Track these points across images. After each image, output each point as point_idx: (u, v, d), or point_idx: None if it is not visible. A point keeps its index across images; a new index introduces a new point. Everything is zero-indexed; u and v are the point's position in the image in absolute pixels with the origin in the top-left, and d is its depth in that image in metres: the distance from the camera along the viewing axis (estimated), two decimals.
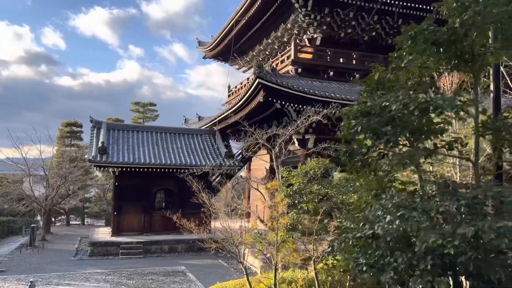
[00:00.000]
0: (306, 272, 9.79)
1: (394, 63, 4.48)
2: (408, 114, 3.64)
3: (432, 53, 3.95)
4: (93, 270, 18.95)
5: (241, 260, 9.72)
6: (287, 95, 19.93)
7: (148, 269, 19.35)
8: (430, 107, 3.56)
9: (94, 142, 24.97)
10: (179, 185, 25.62)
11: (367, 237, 3.93)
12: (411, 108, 3.60)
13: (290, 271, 10.68)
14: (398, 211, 3.51)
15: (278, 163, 14.15)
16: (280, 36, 27.44)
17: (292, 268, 10.15)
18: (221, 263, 21.39)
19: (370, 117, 3.86)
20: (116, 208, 24.84)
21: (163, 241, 23.79)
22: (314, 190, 10.06)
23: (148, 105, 47.72)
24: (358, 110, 4.09)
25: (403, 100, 3.67)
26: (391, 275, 3.68)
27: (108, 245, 22.87)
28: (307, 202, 9.98)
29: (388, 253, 3.74)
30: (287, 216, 8.65)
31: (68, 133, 40.13)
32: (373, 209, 4.07)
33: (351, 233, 4.19)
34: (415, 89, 3.97)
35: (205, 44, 35.99)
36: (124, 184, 24.75)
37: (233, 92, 33.45)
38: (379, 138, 3.77)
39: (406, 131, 3.80)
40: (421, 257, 3.40)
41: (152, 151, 25.70)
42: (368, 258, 3.86)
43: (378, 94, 4.18)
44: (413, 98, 3.69)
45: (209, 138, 28.41)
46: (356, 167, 4.34)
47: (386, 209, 3.70)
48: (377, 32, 26.47)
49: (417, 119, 3.73)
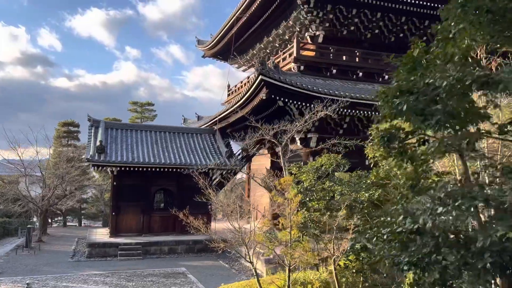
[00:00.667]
0: (318, 273, 9.29)
1: (440, 35, 4.02)
2: (461, 89, 3.18)
3: (484, 23, 3.50)
4: (91, 272, 18.45)
5: (251, 260, 9.19)
6: (290, 92, 19.48)
7: (147, 271, 18.86)
8: (489, 82, 3.11)
9: (92, 141, 24.44)
10: (179, 185, 25.19)
11: (411, 231, 3.48)
12: (468, 82, 3.15)
13: (301, 272, 10.19)
14: (455, 201, 3.06)
15: (285, 160, 13.72)
16: (281, 33, 27.01)
17: (302, 269, 9.64)
18: (222, 265, 20.93)
19: (416, 95, 3.41)
20: (115, 209, 24.31)
21: (163, 242, 23.29)
22: (326, 187, 9.59)
23: (146, 105, 47.24)
24: (398, 88, 3.63)
25: (456, 74, 3.22)
26: (437, 275, 3.24)
27: (106, 246, 22.35)
28: (318, 200, 9.51)
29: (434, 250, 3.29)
30: (300, 213, 8.15)
31: (65, 133, 39.58)
32: (412, 201, 3.62)
33: (387, 228, 3.74)
34: (462, 64, 3.52)
35: (204, 42, 35.53)
36: (123, 184, 24.24)
37: (232, 91, 32.97)
38: (427, 120, 3.32)
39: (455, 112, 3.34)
40: (477, 254, 2.95)
41: (151, 150, 25.19)
42: (411, 256, 3.41)
43: (416, 73, 3.73)
44: (469, 72, 3.24)
45: (209, 138, 27.92)
46: (392, 154, 3.89)
47: (437, 199, 3.25)
48: (380, 30, 26.07)
49: (465, 98, 3.28)
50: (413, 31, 26.73)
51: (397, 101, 3.57)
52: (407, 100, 3.44)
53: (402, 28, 26.37)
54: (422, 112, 3.35)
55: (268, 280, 10.74)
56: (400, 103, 3.51)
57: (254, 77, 19.67)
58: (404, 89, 3.57)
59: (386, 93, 3.86)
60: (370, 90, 22.19)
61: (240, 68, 36.15)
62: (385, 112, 3.89)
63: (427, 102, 3.33)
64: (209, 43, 34.06)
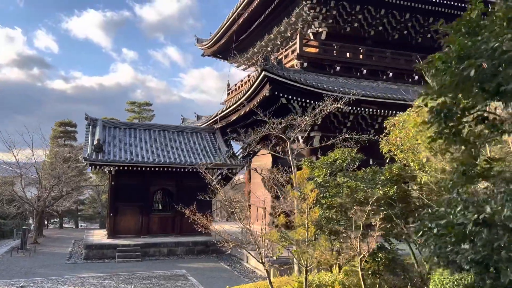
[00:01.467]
0: (333, 274, 8.68)
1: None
2: None
3: None
4: (89, 274, 17.85)
5: (262, 260, 8.61)
6: (294, 89, 18.96)
7: (146, 273, 18.26)
8: None
9: (90, 140, 23.83)
10: (178, 185, 24.62)
11: (476, 223, 2.94)
12: None
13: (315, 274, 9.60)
14: None
15: (293, 156, 13.16)
16: (283, 31, 26.50)
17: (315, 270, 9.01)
18: (224, 267, 20.35)
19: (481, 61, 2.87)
20: (112, 209, 23.68)
21: (162, 243, 22.69)
22: (341, 182, 9.03)
23: (144, 104, 46.61)
24: (457, 54, 3.08)
25: None
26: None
27: (104, 248, 21.73)
28: (332, 196, 8.95)
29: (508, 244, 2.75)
30: (317, 209, 7.57)
31: (61, 133, 38.90)
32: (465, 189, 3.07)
33: (439, 220, 3.19)
34: None
35: (203, 41, 34.98)
36: (121, 184, 23.62)
37: (232, 91, 32.44)
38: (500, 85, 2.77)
39: None
40: None
41: (150, 149, 24.60)
42: (476, 252, 2.86)
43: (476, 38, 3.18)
44: None
45: (209, 137, 27.35)
46: (445, 134, 3.35)
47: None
48: (383, 27, 25.62)
49: None
50: (417, 28, 26.30)
51: (461, 66, 3.01)
52: (474, 64, 2.89)
53: (406, 25, 25.92)
54: (491, 79, 2.81)
55: (276, 283, 10.14)
56: (464, 68, 2.96)
57: (257, 74, 19.14)
58: (464, 55, 3.03)
59: (443, 59, 3.30)
60: (374, 87, 21.72)
61: (240, 67, 35.62)
62: (442, 80, 3.32)
63: (495, 68, 2.80)
64: (208, 41, 33.52)
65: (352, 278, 8.36)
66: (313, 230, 7.47)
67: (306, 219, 7.30)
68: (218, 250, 23.47)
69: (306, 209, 7.27)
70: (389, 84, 23.21)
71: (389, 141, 9.60)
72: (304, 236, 7.44)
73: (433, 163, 8.69)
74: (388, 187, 8.94)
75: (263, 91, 19.03)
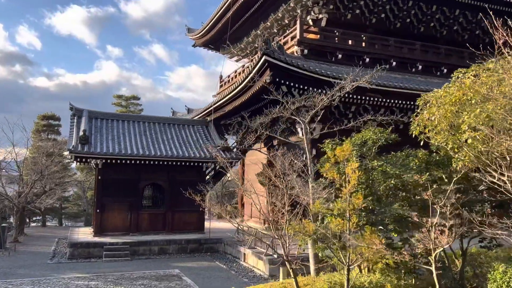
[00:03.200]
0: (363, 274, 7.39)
1: None
2: None
3: None
4: (73, 275, 16.41)
5: (287, 256, 7.31)
6: (296, 76, 17.72)
7: (137, 273, 16.89)
8: None
9: (75, 132, 22.28)
10: (170, 179, 23.23)
11: None
12: None
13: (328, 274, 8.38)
14: None
15: (308, 140, 11.95)
16: (280, 18, 25.22)
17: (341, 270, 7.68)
18: (219, 266, 19.05)
19: None
20: (99, 206, 22.16)
21: (152, 241, 21.28)
22: (375, 166, 7.79)
23: (131, 98, 44.95)
24: None
25: None
26: None
27: (90, 246, 20.24)
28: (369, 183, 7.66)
29: None
30: (360, 194, 6.29)
31: (44, 127, 37.02)
32: None
33: None
34: None
35: (194, 31, 33.58)
36: (108, 178, 22.10)
37: (225, 82, 31.11)
38: None
39: None
40: None
41: (140, 141, 23.13)
42: None
43: None
44: None
45: (202, 129, 25.98)
46: None
47: None
48: (386, 15, 24.53)
49: None
50: (420, 16, 25.29)
51: None
52: None
53: (408, 13, 24.88)
54: None
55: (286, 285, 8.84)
56: None
57: (256, 59, 17.83)
58: None
59: None
60: (380, 76, 20.59)
61: (232, 58, 34.20)
62: None
63: None
64: (200, 31, 32.13)
65: (391, 279, 7.13)
66: (355, 220, 6.21)
67: (348, 207, 6.05)
68: (212, 248, 22.22)
69: (347, 194, 6.02)
70: (393, 74, 22.14)
71: (422, 121, 8.41)
72: (342, 228, 6.17)
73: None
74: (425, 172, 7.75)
75: (263, 78, 17.76)
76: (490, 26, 7.82)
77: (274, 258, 16.99)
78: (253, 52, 30.16)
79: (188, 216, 23.43)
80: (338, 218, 6.24)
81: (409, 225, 7.67)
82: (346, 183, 6.21)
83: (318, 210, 6.93)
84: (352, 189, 6.21)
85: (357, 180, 6.25)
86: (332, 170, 6.61)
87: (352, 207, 6.09)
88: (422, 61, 24.01)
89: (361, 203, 6.00)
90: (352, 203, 6.06)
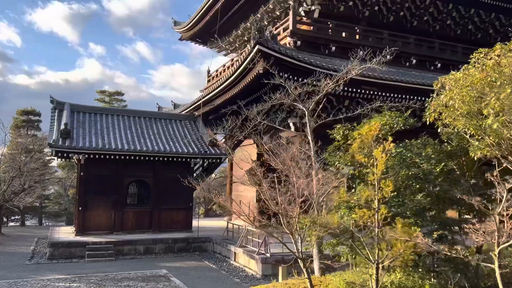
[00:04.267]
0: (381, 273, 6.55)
1: None
2: None
3: None
4: (54, 276, 15.41)
5: (301, 256, 6.50)
6: (291, 67, 16.96)
7: (122, 274, 15.95)
8: None
9: (56, 125, 21.17)
10: (156, 176, 22.29)
11: None
12: None
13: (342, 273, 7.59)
14: None
15: (311, 128, 11.23)
16: (271, 9, 24.47)
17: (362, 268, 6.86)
18: (209, 265, 18.21)
19: None
20: (81, 203, 21.07)
21: (138, 240, 20.31)
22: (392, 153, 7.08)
23: (115, 94, 43.72)
24: None
25: None
26: None
27: (71, 246, 19.18)
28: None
29: None
30: (390, 181, 5.51)
31: (24, 122, 35.62)
32: None
33: None
34: None
35: (181, 23, 32.55)
36: (91, 174, 21.05)
37: (213, 77, 30.18)
38: None
39: None
40: None
41: (124, 136, 22.12)
42: None
43: None
44: None
45: (190, 124, 25.07)
46: None
47: None
48: (379, 7, 23.98)
49: None
50: (413, 10, 24.82)
51: None
52: None
53: (402, 6, 24.39)
54: None
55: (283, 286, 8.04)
56: None
57: (249, 48, 17.02)
58: None
59: None
60: (375, 69, 19.99)
61: (221, 52, 33.33)
62: None
63: None
64: (187, 23, 31.14)
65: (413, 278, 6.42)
66: (384, 211, 5.44)
67: (376, 195, 5.27)
68: (201, 247, 21.35)
69: (375, 180, 5.24)
70: (387, 67, 21.54)
71: (438, 106, 7.72)
72: (367, 220, 5.38)
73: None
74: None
75: (255, 68, 16.96)
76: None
77: (267, 257, 16.23)
78: (242, 46, 29.35)
79: (175, 214, 22.54)
80: (364, 209, 5.48)
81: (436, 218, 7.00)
82: (374, 168, 5.45)
83: (343, 200, 6.13)
84: (381, 175, 5.44)
85: (385, 165, 5.50)
86: (359, 153, 5.83)
87: (381, 196, 5.33)
88: (416, 55, 23.55)
89: (390, 191, 5.25)
90: (381, 191, 5.30)
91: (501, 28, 26.81)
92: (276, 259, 16.11)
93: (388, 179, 5.38)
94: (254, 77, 17.33)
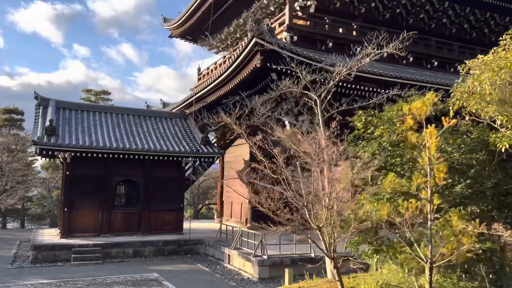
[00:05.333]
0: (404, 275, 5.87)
1: None
2: None
3: None
4: (37, 281, 14.48)
5: (332, 255, 5.76)
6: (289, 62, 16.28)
7: (111, 278, 15.06)
8: None
9: (40, 122, 20.19)
10: (146, 176, 21.39)
11: None
12: None
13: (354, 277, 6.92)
14: None
15: (322, 119, 10.57)
16: (265, 5, 23.84)
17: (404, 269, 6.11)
18: (202, 268, 17.39)
19: None
20: (67, 204, 20.08)
21: (127, 243, 19.38)
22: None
23: (102, 93, 42.65)
24: None
25: None
26: None
27: (56, 249, 18.18)
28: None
29: None
30: (444, 165, 4.75)
31: (6, 121, 34.36)
32: None
33: None
34: None
35: (171, 20, 31.74)
36: (78, 174, 20.09)
37: (204, 75, 29.43)
38: None
39: None
40: None
41: (113, 134, 21.22)
42: None
43: None
44: None
45: (181, 122, 24.25)
46: None
47: None
48: (375, 4, 23.54)
49: None
50: (409, 7, 24.44)
51: None
52: None
53: (398, 4, 23.97)
54: None
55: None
56: None
57: (246, 42, 16.33)
58: None
59: None
60: (374, 66, 19.50)
61: (212, 50, 32.53)
62: None
63: None
64: (177, 20, 30.32)
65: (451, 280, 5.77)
66: (437, 201, 4.72)
67: (428, 184, 4.54)
68: (193, 250, 20.50)
69: (427, 166, 4.49)
70: (385, 64, 21.10)
71: (464, 93, 7.11)
72: (413, 211, 4.65)
73: None
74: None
75: (252, 62, 16.28)
76: None
77: (264, 259, 15.50)
78: (234, 43, 28.66)
79: (165, 215, 21.65)
80: (412, 199, 4.77)
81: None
82: (426, 149, 4.73)
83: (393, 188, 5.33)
84: (433, 159, 4.70)
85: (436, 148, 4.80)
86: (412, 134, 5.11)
87: (434, 183, 4.59)
88: (413, 53, 23.11)
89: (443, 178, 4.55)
90: (433, 178, 4.56)
91: (496, 28, 26.61)
92: (274, 262, 15.41)
93: (441, 164, 4.66)
94: (251, 71, 16.64)
